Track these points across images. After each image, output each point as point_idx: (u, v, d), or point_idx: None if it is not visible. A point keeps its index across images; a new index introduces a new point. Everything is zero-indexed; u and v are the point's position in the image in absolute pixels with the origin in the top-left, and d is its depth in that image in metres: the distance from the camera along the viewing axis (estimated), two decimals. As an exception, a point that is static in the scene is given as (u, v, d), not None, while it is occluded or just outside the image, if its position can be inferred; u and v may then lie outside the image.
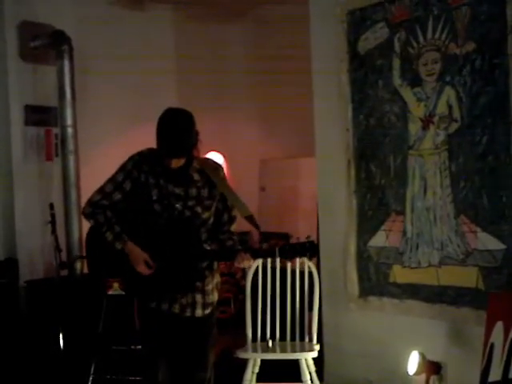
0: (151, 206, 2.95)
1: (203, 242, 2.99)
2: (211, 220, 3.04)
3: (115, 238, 2.95)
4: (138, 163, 2.99)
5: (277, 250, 2.87)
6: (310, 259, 2.97)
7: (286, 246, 2.90)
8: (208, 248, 3.00)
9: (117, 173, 3.02)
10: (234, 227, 3.12)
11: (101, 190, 3.01)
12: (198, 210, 2.98)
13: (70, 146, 5.14)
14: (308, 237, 2.96)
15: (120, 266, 3.00)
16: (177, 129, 2.89)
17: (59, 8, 5.30)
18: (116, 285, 3.10)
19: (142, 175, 2.97)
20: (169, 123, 2.90)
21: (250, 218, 2.98)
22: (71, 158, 5.14)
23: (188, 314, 3.01)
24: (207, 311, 3.06)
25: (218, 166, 3.12)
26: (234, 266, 3.06)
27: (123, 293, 3.16)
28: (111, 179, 3.01)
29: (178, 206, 2.96)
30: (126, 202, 3.00)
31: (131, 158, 3.02)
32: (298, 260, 3.87)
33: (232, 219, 3.10)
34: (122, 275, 3.06)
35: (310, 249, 2.89)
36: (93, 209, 3.00)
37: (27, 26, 5.17)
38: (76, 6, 5.41)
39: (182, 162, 2.96)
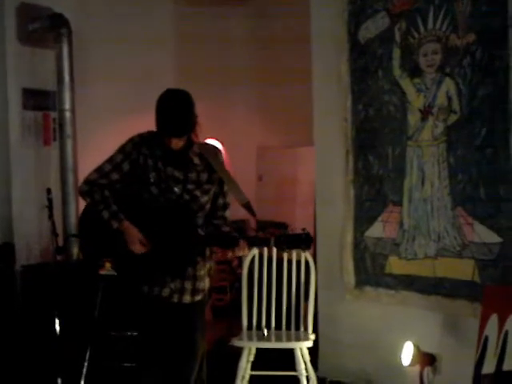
0: (148, 188, 2.95)
1: (199, 226, 2.98)
2: (209, 204, 3.04)
3: (111, 217, 2.94)
4: (138, 145, 2.97)
5: (272, 239, 2.86)
6: (304, 251, 2.95)
7: (281, 237, 2.88)
8: (202, 233, 2.99)
9: (116, 153, 3.00)
10: (227, 214, 3.11)
11: (99, 170, 2.99)
12: (197, 193, 2.98)
13: (68, 130, 5.10)
14: (304, 228, 2.92)
15: (113, 246, 2.99)
16: (177, 107, 2.87)
17: (58, -10, 5.25)
18: (108, 264, 3.08)
19: (141, 157, 2.96)
20: (169, 102, 2.89)
21: (246, 205, 2.97)
22: (69, 143, 5.10)
23: (175, 299, 3.00)
24: (197, 298, 3.04)
25: (217, 151, 3.11)
26: (229, 254, 3.03)
27: (115, 273, 3.15)
28: (110, 159, 2.99)
29: (176, 189, 2.95)
30: (124, 183, 2.99)
31: (131, 140, 3.01)
32: (293, 251, 3.87)
33: (226, 205, 3.09)
34: (114, 255, 3.05)
35: (306, 241, 2.86)
36: (90, 187, 2.98)
37: (26, 9, 5.12)
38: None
39: (182, 143, 2.94)
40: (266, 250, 3.91)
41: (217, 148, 3.15)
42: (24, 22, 5.11)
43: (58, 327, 4.38)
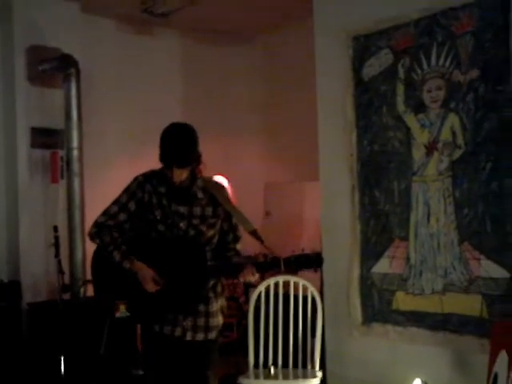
0: (155, 225, 2.97)
1: (208, 260, 2.98)
2: (216, 238, 3.05)
3: (122, 257, 2.96)
4: (142, 184, 3.01)
5: (281, 261, 2.83)
6: (315, 271, 2.93)
7: (291, 258, 2.86)
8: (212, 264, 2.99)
9: (121, 194, 3.04)
10: (239, 246, 3.12)
11: (106, 212, 3.04)
12: (203, 228, 2.99)
13: (76, 168, 5.15)
14: (313, 248, 2.91)
15: (126, 288, 2.99)
16: (179, 137, 2.92)
17: (67, 32, 5.34)
18: (123, 307, 3.08)
19: (146, 195, 2.99)
20: (171, 132, 2.95)
21: (254, 233, 2.98)
22: (76, 180, 5.14)
23: (189, 337, 2.99)
24: (211, 335, 3.04)
25: (221, 185, 3.13)
26: (239, 280, 3.02)
27: (129, 315, 3.14)
28: (116, 200, 3.04)
29: (181, 224, 2.97)
30: (131, 222, 3.02)
31: (135, 179, 3.05)
32: (300, 285, 3.86)
33: (237, 238, 3.11)
34: (128, 297, 3.05)
35: (316, 261, 2.85)
36: (98, 229, 3.02)
37: (35, 50, 5.22)
38: (84, 31, 5.47)
39: (184, 175, 2.97)
40: (272, 285, 3.89)
41: (220, 182, 3.18)
42: (34, 62, 5.20)
43: (62, 366, 4.36)
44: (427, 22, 3.56)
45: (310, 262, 2.84)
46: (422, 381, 3.42)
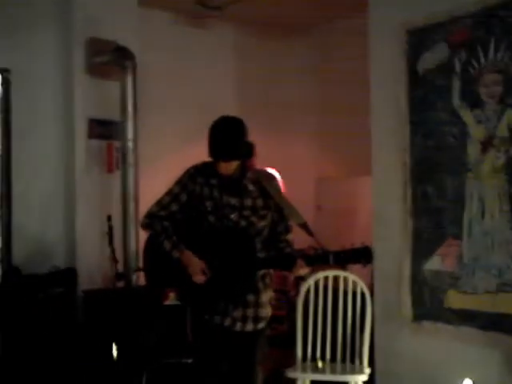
0: (206, 217, 3.01)
1: (258, 251, 3.01)
2: (266, 230, 3.07)
3: (173, 247, 3.02)
4: (193, 176, 3.07)
5: (331, 256, 2.84)
6: (365, 266, 2.92)
7: (340, 252, 2.87)
8: (262, 256, 3.01)
9: (173, 186, 3.11)
10: (290, 237, 3.14)
11: (158, 203, 3.11)
12: (254, 219, 3.02)
13: (130, 159, 5.24)
14: (363, 242, 2.90)
15: (176, 277, 3.05)
16: (225, 131, 2.96)
17: (124, 25, 5.43)
18: (172, 295, 3.15)
19: (197, 187, 3.05)
20: (218, 127, 2.98)
21: (303, 226, 2.99)
22: (131, 171, 5.23)
23: (238, 328, 3.03)
24: (260, 325, 3.07)
25: (272, 177, 3.15)
26: (291, 274, 3.03)
27: (179, 303, 3.20)
28: (168, 192, 3.11)
29: (232, 216, 3.00)
30: (183, 213, 3.07)
31: (187, 172, 3.11)
32: (350, 280, 3.85)
33: (288, 229, 3.13)
34: (178, 286, 3.11)
35: (365, 254, 2.83)
36: (151, 220, 3.09)
37: (94, 43, 5.32)
38: (141, 24, 5.55)
39: (231, 168, 2.99)
40: (321, 279, 3.89)
41: (271, 174, 3.19)
42: (92, 55, 5.31)
43: (115, 352, 4.46)
44: (484, 14, 3.47)
45: (360, 255, 2.83)
46: (473, 382, 3.37)
